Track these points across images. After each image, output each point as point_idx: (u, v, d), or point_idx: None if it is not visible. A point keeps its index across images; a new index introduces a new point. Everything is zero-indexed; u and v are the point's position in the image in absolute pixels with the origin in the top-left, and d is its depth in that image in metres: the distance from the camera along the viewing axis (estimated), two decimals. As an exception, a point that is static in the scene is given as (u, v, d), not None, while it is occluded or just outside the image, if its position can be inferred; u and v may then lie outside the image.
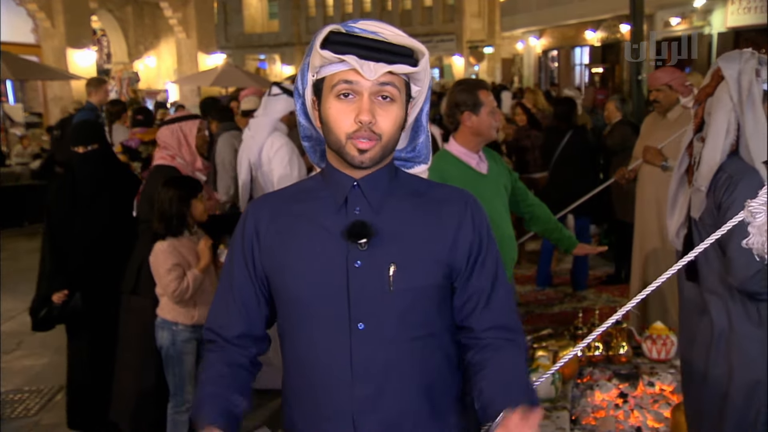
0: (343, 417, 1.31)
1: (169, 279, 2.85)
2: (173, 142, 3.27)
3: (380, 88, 1.26)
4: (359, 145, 1.27)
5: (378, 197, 1.34)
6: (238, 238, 1.42)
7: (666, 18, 17.08)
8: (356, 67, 1.23)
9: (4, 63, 9.99)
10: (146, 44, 17.69)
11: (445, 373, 1.39)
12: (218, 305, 1.45)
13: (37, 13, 13.38)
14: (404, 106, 1.32)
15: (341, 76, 1.26)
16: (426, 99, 1.40)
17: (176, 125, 3.29)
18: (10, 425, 3.78)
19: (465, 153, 2.86)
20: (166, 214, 2.88)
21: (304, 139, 1.46)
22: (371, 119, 1.25)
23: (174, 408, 3.00)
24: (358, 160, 1.28)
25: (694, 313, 2.25)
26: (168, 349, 2.95)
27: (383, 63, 1.24)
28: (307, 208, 1.37)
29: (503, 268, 1.44)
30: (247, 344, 1.43)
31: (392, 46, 1.26)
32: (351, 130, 1.27)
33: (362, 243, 1.30)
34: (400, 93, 1.29)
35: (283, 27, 31.63)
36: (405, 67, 1.26)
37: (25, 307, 5.85)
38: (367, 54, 1.24)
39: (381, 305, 1.30)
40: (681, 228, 2.26)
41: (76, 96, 12.77)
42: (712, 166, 2.07)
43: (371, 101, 1.26)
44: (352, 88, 1.26)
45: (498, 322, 1.38)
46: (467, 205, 1.39)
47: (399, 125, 1.31)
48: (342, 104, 1.27)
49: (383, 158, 1.32)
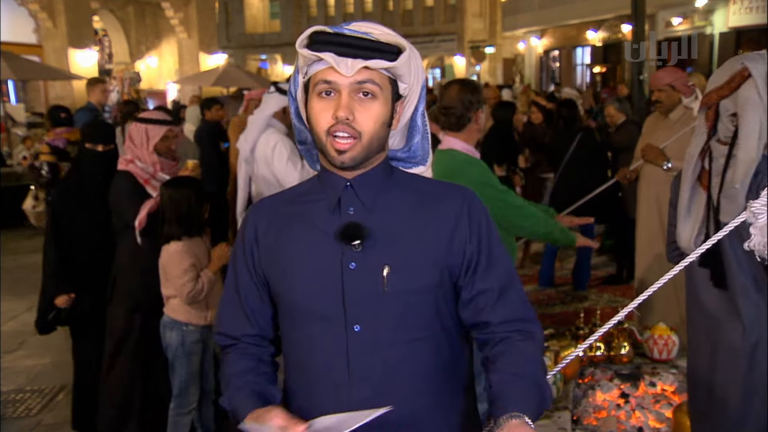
0: None
1: (185, 280, 2.84)
2: (137, 140, 3.18)
3: (359, 85, 1.26)
4: (337, 146, 1.27)
5: (371, 197, 1.34)
6: (239, 242, 1.43)
7: (667, 18, 17.07)
8: (332, 63, 1.24)
9: (6, 63, 10.01)
10: (148, 44, 17.71)
11: (445, 375, 1.38)
12: (227, 310, 1.45)
13: (39, 14, 13.42)
14: (389, 105, 1.31)
15: (321, 75, 1.27)
16: (420, 98, 1.39)
17: (143, 125, 3.20)
18: (12, 425, 3.78)
19: (472, 152, 2.86)
20: (182, 215, 2.86)
21: (300, 143, 1.46)
22: (348, 115, 1.25)
23: (177, 409, 2.99)
24: (339, 160, 1.28)
25: (719, 322, 2.15)
26: (176, 350, 2.93)
27: (360, 59, 1.24)
28: (303, 210, 1.37)
29: (510, 259, 1.42)
30: (263, 344, 1.44)
31: (372, 43, 1.25)
32: (328, 126, 1.27)
33: (356, 244, 1.29)
34: (382, 90, 1.28)
35: (285, 27, 31.64)
36: (382, 62, 1.25)
37: (27, 307, 5.87)
38: (344, 51, 1.24)
39: (376, 307, 1.30)
40: (698, 235, 2.15)
41: (77, 96, 12.80)
42: (750, 166, 1.99)
43: (350, 98, 1.26)
44: (332, 86, 1.26)
45: (512, 314, 1.36)
46: (464, 200, 1.37)
47: (382, 123, 1.30)
48: (323, 102, 1.28)
49: (367, 158, 1.31)
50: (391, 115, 1.32)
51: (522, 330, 1.35)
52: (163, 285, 2.94)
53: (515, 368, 1.28)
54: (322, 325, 1.32)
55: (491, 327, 1.36)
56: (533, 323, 1.38)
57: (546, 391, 1.29)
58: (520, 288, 1.41)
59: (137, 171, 3.15)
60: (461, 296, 1.38)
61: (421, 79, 1.36)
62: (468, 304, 1.37)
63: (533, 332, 1.36)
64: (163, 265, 2.90)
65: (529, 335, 1.35)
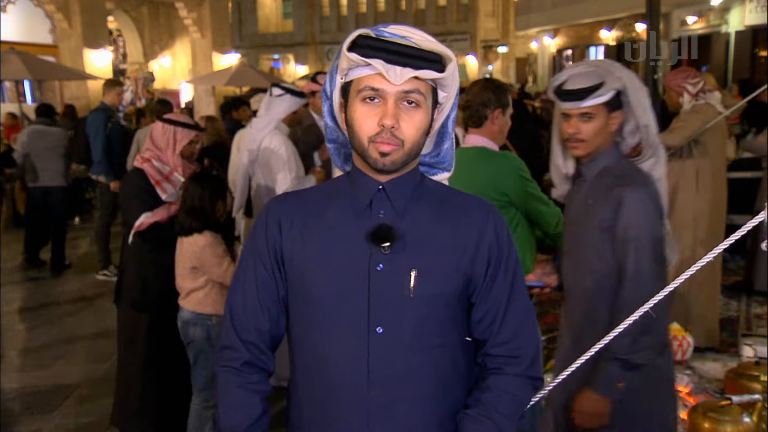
0: (357, 422, 1.31)
1: (226, 264, 2.89)
2: (161, 141, 3.20)
3: (406, 94, 1.26)
4: (381, 148, 1.27)
5: (402, 202, 1.34)
6: (258, 238, 1.40)
7: (683, 16, 16.94)
8: (382, 71, 1.23)
9: (23, 63, 10.12)
10: (161, 44, 17.81)
11: (456, 385, 1.38)
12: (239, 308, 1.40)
13: (54, 14, 13.54)
14: (430, 112, 1.31)
15: (367, 81, 1.26)
16: (453, 105, 1.38)
17: (172, 127, 3.21)
18: (29, 422, 3.82)
19: (496, 149, 2.85)
20: (207, 211, 2.91)
21: (330, 142, 1.45)
22: (394, 124, 1.25)
23: (203, 403, 3.00)
24: (381, 163, 1.28)
25: None
26: (201, 344, 2.94)
27: (410, 68, 1.24)
28: (331, 209, 1.36)
29: (523, 284, 1.42)
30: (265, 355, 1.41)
31: (420, 51, 1.25)
32: (373, 133, 1.27)
33: (385, 247, 1.30)
34: (426, 99, 1.29)
35: (297, 27, 31.71)
36: (431, 72, 1.25)
37: (42, 306, 5.94)
38: (393, 58, 1.24)
39: (400, 310, 1.30)
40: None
41: (92, 96, 12.91)
42: None
43: (396, 106, 1.26)
44: (378, 93, 1.26)
45: (506, 341, 1.38)
46: (489, 215, 1.38)
47: (423, 131, 1.30)
48: (367, 107, 1.27)
49: (406, 163, 1.31)
50: (431, 123, 1.33)
51: (512, 357, 1.38)
52: (188, 277, 2.94)
53: (482, 407, 1.35)
54: (343, 325, 1.31)
55: (486, 349, 1.40)
56: (525, 350, 1.39)
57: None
58: (526, 313, 1.42)
59: (151, 171, 3.16)
60: (471, 313, 1.40)
61: (457, 87, 1.36)
62: (475, 323, 1.40)
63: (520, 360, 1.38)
64: (198, 257, 2.89)
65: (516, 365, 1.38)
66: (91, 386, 4.19)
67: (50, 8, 13.41)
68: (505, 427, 1.34)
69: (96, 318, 5.45)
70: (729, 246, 1.50)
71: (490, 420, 1.33)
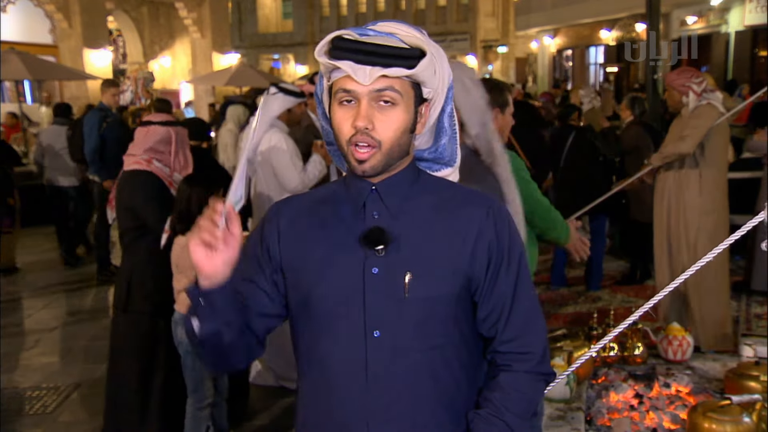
0: (357, 424, 1.31)
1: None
2: (166, 144, 3.19)
3: (379, 94, 1.25)
4: (356, 155, 1.26)
5: (396, 202, 1.33)
6: (257, 240, 1.39)
7: (683, 16, 16.94)
8: (349, 72, 1.22)
9: (23, 63, 10.13)
10: (161, 44, 17.80)
11: (462, 386, 1.37)
12: None
13: (54, 14, 13.55)
14: (411, 110, 1.29)
15: (341, 83, 1.26)
16: (447, 100, 1.37)
17: (172, 128, 3.24)
18: (28, 421, 3.82)
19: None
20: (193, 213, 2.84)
21: (328, 144, 1.44)
22: (367, 125, 1.24)
23: (195, 404, 3.00)
24: (359, 170, 1.27)
25: None
26: (188, 345, 2.93)
27: (379, 67, 1.23)
28: (328, 212, 1.36)
29: (528, 278, 1.40)
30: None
31: (392, 50, 1.24)
32: (350, 136, 1.26)
33: (379, 249, 1.29)
34: (404, 97, 1.27)
35: (297, 27, 31.71)
36: (400, 70, 1.23)
37: (43, 305, 5.94)
38: (363, 59, 1.22)
39: (397, 313, 1.29)
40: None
41: (92, 96, 12.91)
42: None
43: (370, 106, 1.25)
44: (351, 94, 1.25)
45: (513, 338, 1.36)
46: (489, 212, 1.35)
47: (403, 130, 1.28)
48: (343, 110, 1.27)
49: (389, 165, 1.30)
50: (415, 120, 1.31)
51: (520, 353, 1.36)
52: (176, 279, 2.95)
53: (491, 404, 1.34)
54: (340, 329, 1.30)
55: (493, 346, 1.37)
56: (534, 347, 1.37)
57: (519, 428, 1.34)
58: (532, 310, 1.39)
59: (161, 173, 3.17)
60: (476, 312, 1.38)
61: (447, 81, 1.34)
62: (480, 321, 1.37)
63: (529, 357, 1.36)
64: (174, 259, 2.91)
65: (526, 362, 1.36)
66: (91, 386, 4.19)
67: (50, 8, 13.42)
68: (516, 426, 1.32)
69: (95, 319, 5.44)
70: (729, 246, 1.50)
71: (501, 420, 1.32)
